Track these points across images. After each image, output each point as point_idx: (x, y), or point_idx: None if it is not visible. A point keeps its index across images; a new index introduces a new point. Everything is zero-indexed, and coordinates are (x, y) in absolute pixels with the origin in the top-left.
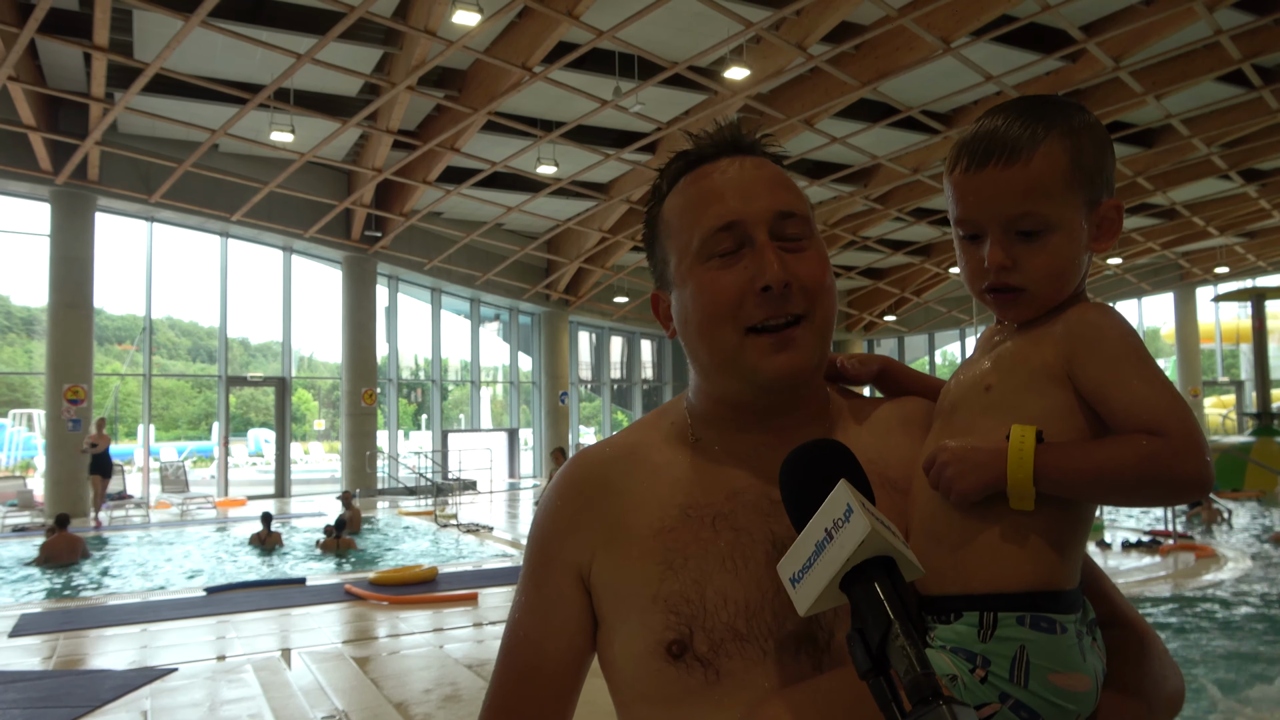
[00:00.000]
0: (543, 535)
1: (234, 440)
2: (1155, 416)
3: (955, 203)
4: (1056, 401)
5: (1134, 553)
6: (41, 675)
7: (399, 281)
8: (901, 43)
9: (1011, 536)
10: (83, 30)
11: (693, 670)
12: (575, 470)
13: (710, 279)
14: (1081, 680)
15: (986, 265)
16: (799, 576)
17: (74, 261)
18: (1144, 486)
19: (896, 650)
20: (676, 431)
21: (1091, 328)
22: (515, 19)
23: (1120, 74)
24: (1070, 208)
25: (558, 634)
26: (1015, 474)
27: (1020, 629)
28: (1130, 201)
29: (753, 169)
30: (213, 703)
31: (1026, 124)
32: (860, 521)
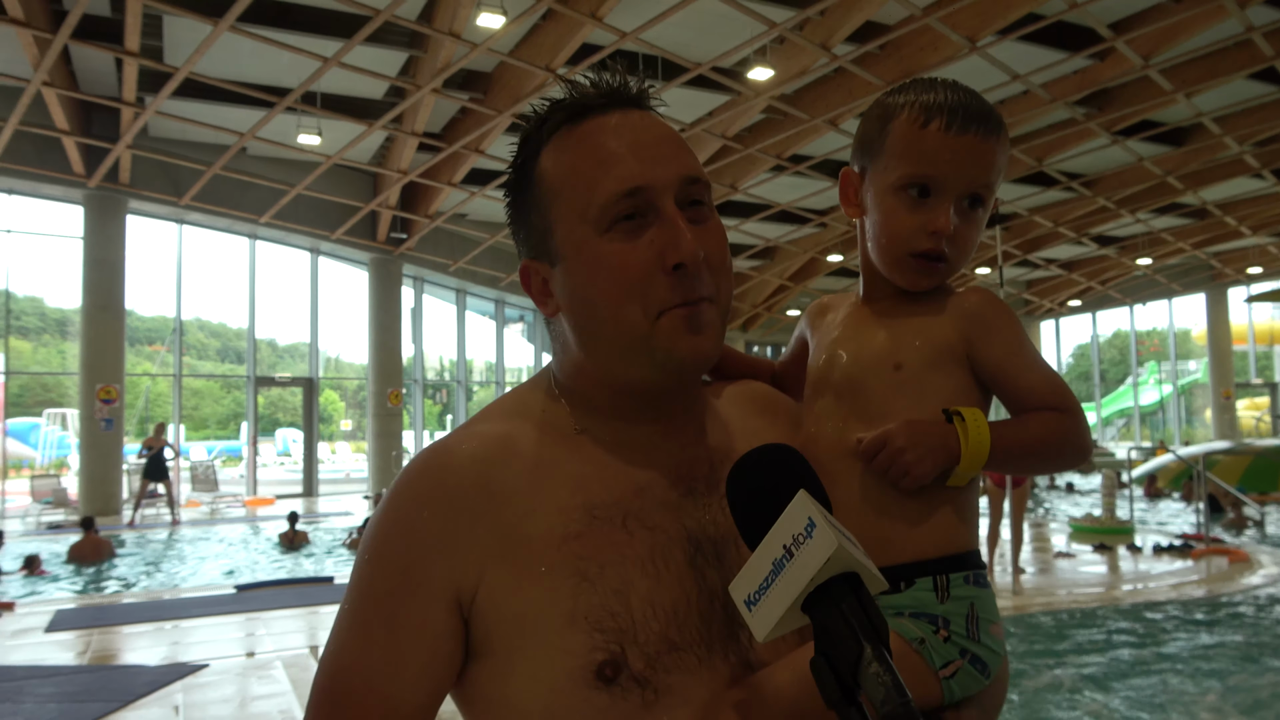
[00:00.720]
0: (399, 556)
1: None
2: (1054, 395)
3: (919, 158)
4: (958, 380)
5: (1165, 556)
6: (76, 670)
7: (424, 283)
8: (926, 42)
9: (942, 508)
10: (114, 35)
11: (629, 693)
12: (443, 473)
13: (613, 253)
14: (1001, 628)
15: (934, 229)
16: (755, 599)
17: (106, 264)
18: (1059, 456)
19: (870, 677)
20: (553, 421)
21: (989, 312)
22: (539, 21)
23: (1150, 72)
24: (994, 193)
25: (417, 681)
26: (972, 454)
27: (969, 587)
28: (1160, 201)
29: (651, 126)
30: (243, 698)
31: (993, 109)
32: (825, 537)
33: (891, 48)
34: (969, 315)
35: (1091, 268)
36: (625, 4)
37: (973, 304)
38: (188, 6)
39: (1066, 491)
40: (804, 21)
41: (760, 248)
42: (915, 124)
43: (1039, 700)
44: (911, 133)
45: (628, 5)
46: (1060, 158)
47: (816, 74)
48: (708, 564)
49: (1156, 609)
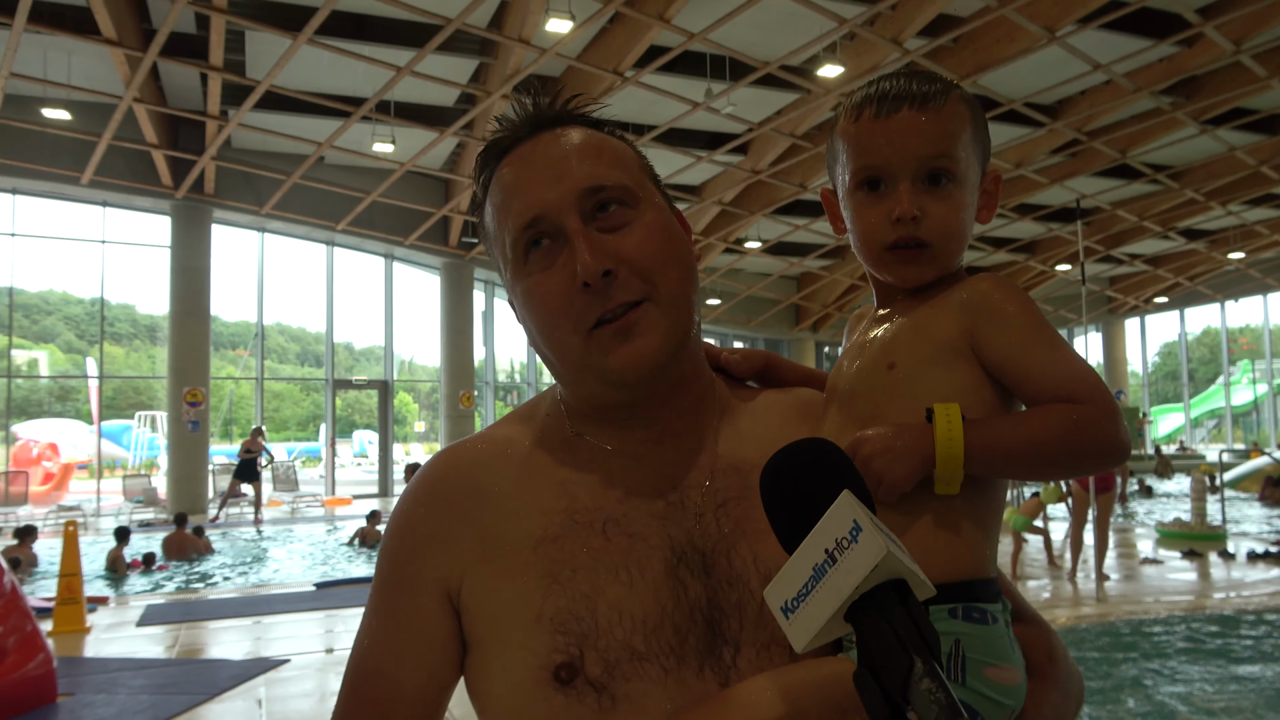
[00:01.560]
0: (400, 550)
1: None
2: (1071, 385)
3: (861, 150)
4: (963, 376)
5: (1261, 564)
6: (166, 663)
7: (495, 286)
8: (1002, 34)
9: (937, 523)
10: (199, 52)
11: (584, 696)
12: (438, 473)
13: (535, 285)
14: (1014, 673)
15: (896, 216)
16: (793, 606)
17: (192, 271)
18: (1071, 456)
19: (921, 694)
20: (553, 427)
21: (991, 299)
22: (607, 24)
23: (1241, 57)
24: (970, 164)
25: (417, 667)
26: (945, 455)
27: (953, 622)
28: (1253, 193)
29: (557, 144)
30: (323, 693)
31: (928, 82)
32: (872, 542)
33: (965, 40)
34: (969, 305)
35: (1179, 263)
36: (694, 5)
37: (974, 292)
38: (269, 21)
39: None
40: (875, 17)
41: (830, 247)
42: (850, 121)
43: (1123, 712)
44: (849, 131)
45: (695, 6)
46: (1145, 149)
47: (888, 69)
48: (691, 575)
49: (1250, 618)
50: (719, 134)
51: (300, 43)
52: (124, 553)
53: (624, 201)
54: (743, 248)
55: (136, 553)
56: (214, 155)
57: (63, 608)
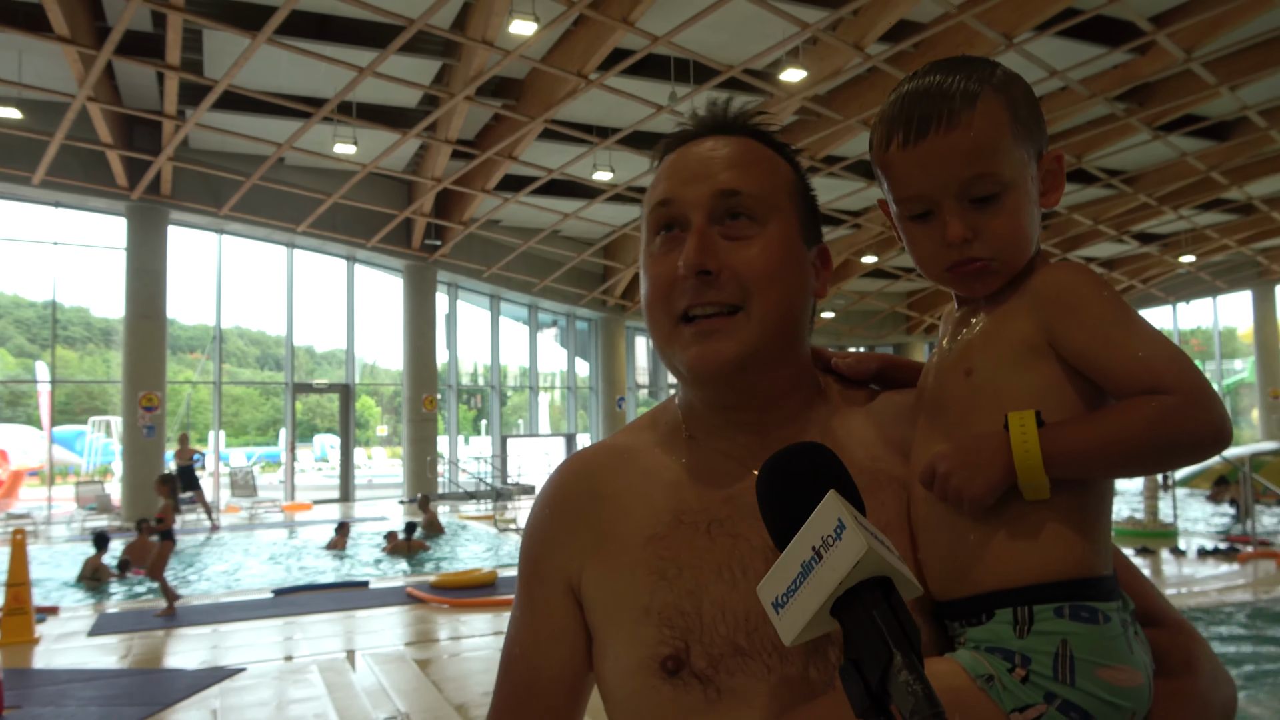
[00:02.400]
0: (531, 548)
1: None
2: (1156, 374)
3: (897, 181)
4: (1044, 376)
5: (1210, 560)
6: (117, 674)
7: (458, 289)
8: (962, 40)
9: (1035, 527)
10: (156, 50)
11: (690, 688)
12: (562, 478)
13: (651, 263)
14: (1132, 674)
15: (948, 241)
16: (782, 602)
17: (148, 274)
18: (1161, 451)
19: (899, 685)
20: (670, 431)
21: (1065, 290)
22: (571, 27)
23: (1192, 65)
24: (1019, 163)
25: (549, 650)
26: (1023, 465)
27: (1060, 621)
28: (1204, 197)
29: (719, 147)
30: (280, 702)
31: (956, 83)
32: (855, 539)
33: (926, 46)
34: (1044, 301)
35: (1133, 266)
36: (657, 8)
37: (1047, 287)
38: (227, 20)
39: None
40: (837, 22)
41: None
42: (882, 147)
43: None
44: (883, 160)
45: (660, 9)
46: (1100, 154)
47: (850, 74)
48: None
49: (1200, 614)
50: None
51: (259, 42)
52: (102, 560)
53: (753, 216)
54: None
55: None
56: (171, 156)
57: (10, 618)
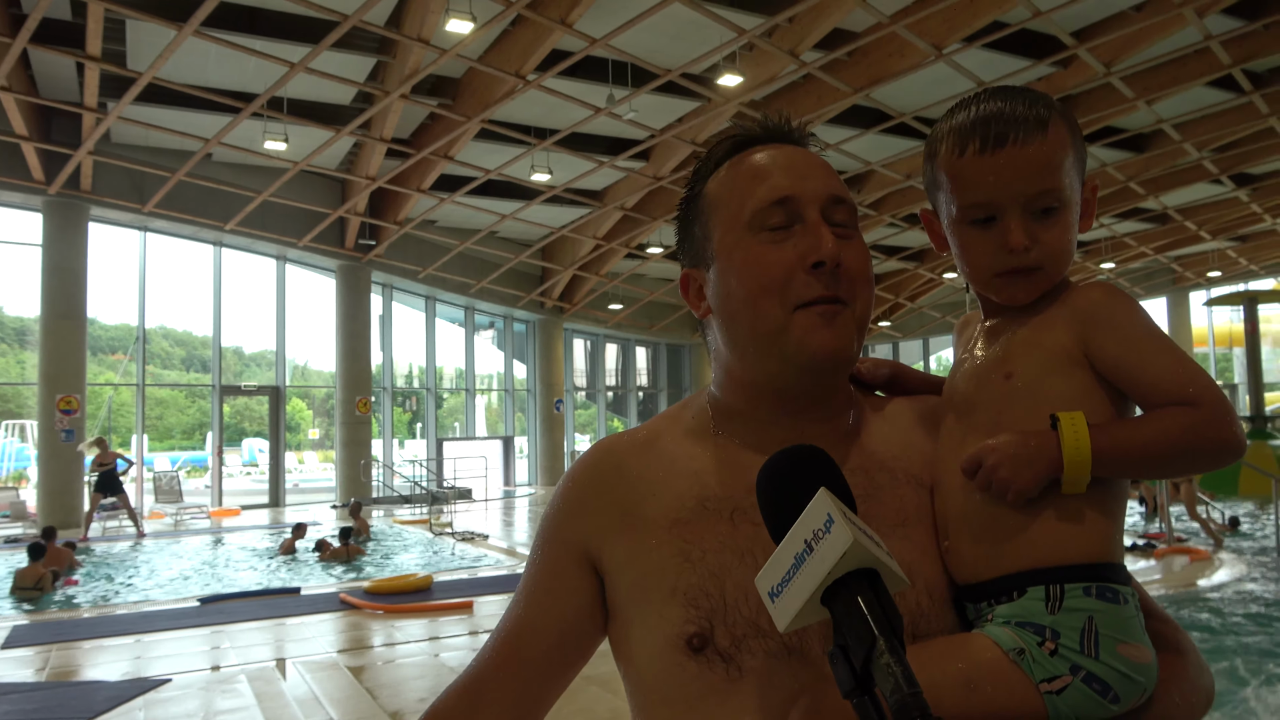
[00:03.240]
0: (550, 514)
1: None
2: (1184, 389)
3: (966, 187)
4: (1078, 383)
5: (1129, 556)
6: (35, 687)
7: (393, 290)
8: (894, 49)
9: (1068, 515)
10: (75, 40)
11: (714, 665)
12: (592, 458)
13: (760, 252)
14: (1145, 652)
15: (1010, 247)
16: (778, 591)
17: (67, 271)
18: (1187, 457)
19: (881, 668)
20: (698, 424)
21: (1103, 307)
22: (509, 27)
23: (1112, 79)
24: (1074, 185)
25: (547, 608)
26: (1073, 461)
27: (1088, 599)
28: (1122, 206)
29: (804, 155)
30: (207, 713)
31: (1030, 106)
32: (842, 533)
33: (859, 54)
34: (1081, 314)
35: None
36: (595, 10)
37: (1085, 301)
38: (151, 11)
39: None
40: (773, 29)
41: None
42: (954, 154)
43: None
44: (953, 164)
45: (598, 11)
46: None
47: (785, 80)
48: None
49: None
50: (621, 139)
51: (186, 34)
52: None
53: (852, 223)
54: (644, 253)
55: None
56: (91, 150)
57: None
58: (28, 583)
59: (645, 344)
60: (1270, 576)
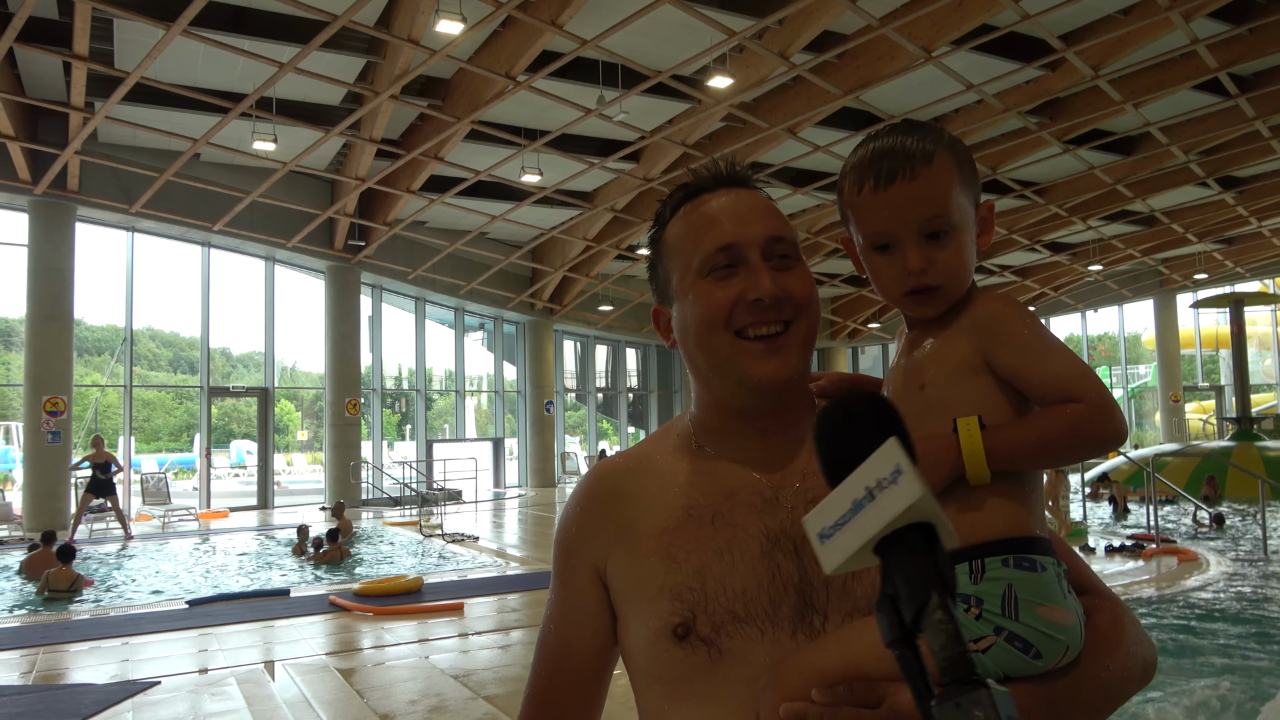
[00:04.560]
0: (565, 541)
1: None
2: (1070, 387)
3: (866, 220)
4: (982, 389)
5: (1117, 557)
6: (21, 690)
7: (383, 291)
8: (883, 52)
9: (982, 502)
10: (62, 39)
11: (696, 649)
12: (591, 482)
13: (707, 291)
14: (1065, 614)
15: (908, 270)
16: (828, 533)
17: (53, 272)
18: (1074, 447)
19: (933, 624)
20: (682, 442)
21: (996, 319)
22: (499, 28)
23: (1099, 82)
24: (963, 209)
25: (581, 629)
26: (970, 459)
27: (1006, 569)
28: (1110, 209)
29: (747, 199)
30: (196, 716)
31: (915, 142)
32: (911, 484)
33: (849, 57)
34: (978, 327)
35: (1044, 274)
36: (586, 11)
37: (981, 315)
38: (139, 10)
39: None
40: (763, 31)
41: None
42: (854, 192)
43: None
44: (852, 200)
45: (588, 13)
46: (1013, 166)
47: (775, 82)
48: (784, 557)
49: None
50: (611, 141)
51: (174, 34)
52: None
53: (793, 255)
54: (635, 255)
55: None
56: (78, 149)
57: None
58: (62, 585)
59: (635, 345)
60: (1256, 577)
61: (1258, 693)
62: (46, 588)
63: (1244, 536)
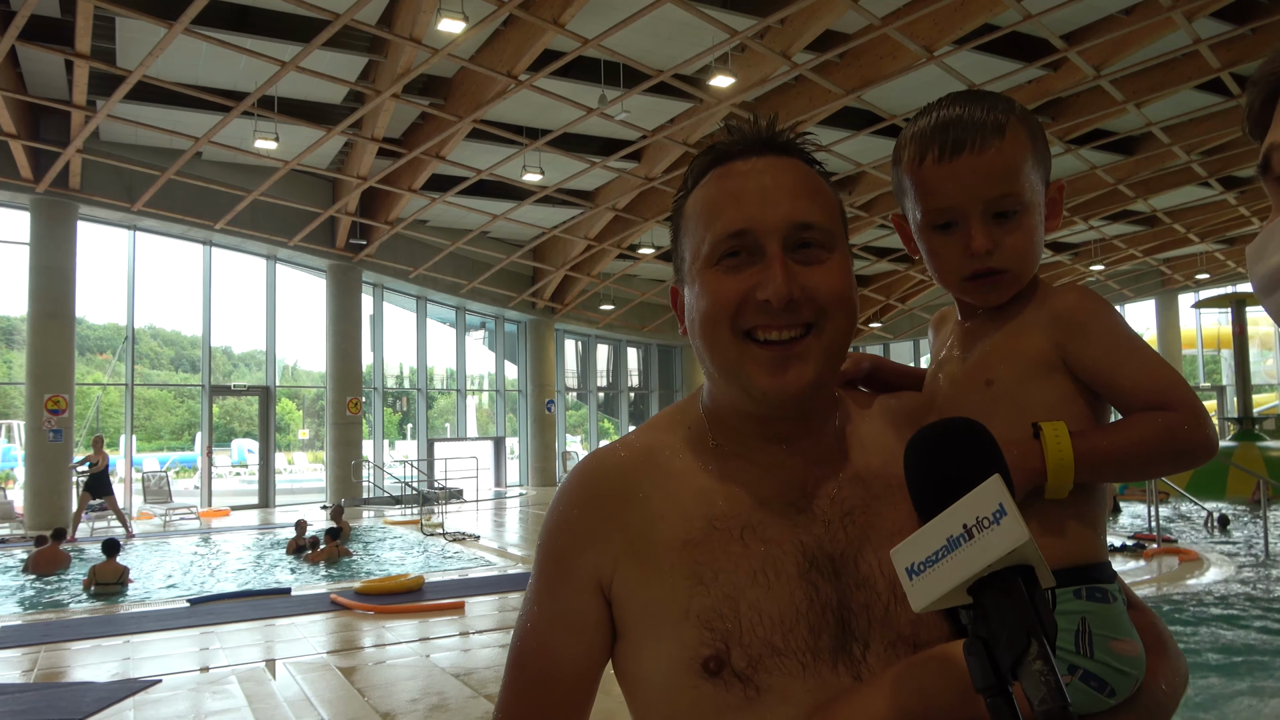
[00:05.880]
0: (559, 546)
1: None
2: (1161, 393)
3: (928, 193)
4: (1058, 389)
5: (1119, 556)
6: (22, 688)
7: (384, 290)
8: (885, 51)
9: (1053, 521)
10: (64, 38)
11: (731, 687)
12: (591, 479)
13: (716, 282)
14: (1134, 645)
15: (972, 251)
16: (919, 569)
17: (55, 271)
18: (1163, 460)
19: (1032, 674)
20: (694, 435)
21: (1079, 313)
22: (501, 27)
23: (1101, 82)
24: (1034, 188)
25: (574, 644)
26: (1057, 468)
27: (1079, 601)
28: (1112, 209)
29: (780, 173)
30: (197, 714)
31: (988, 111)
32: (1015, 526)
33: (851, 56)
34: (1058, 320)
35: (1048, 274)
36: (588, 11)
37: (1061, 306)
38: (141, 9)
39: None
40: (765, 30)
41: None
42: (914, 163)
43: None
44: (914, 172)
45: (590, 12)
46: None
47: (777, 81)
48: (822, 578)
49: None
50: (613, 140)
51: (176, 32)
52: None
53: (823, 245)
54: (636, 254)
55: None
56: (80, 148)
57: None
58: (110, 578)
59: (637, 345)
60: (1259, 577)
61: (1259, 693)
62: (94, 582)
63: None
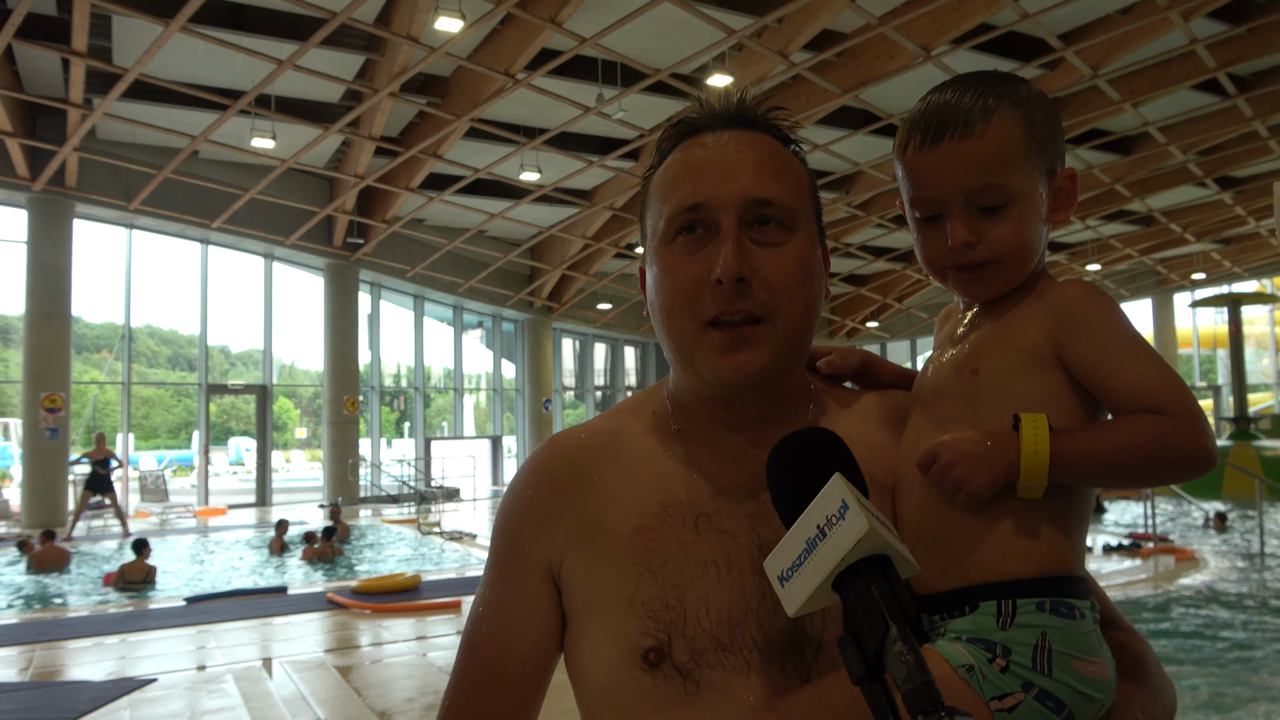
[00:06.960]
0: (510, 528)
1: (214, 449)
2: (1158, 396)
3: (911, 183)
4: (1048, 384)
5: (1115, 556)
6: (17, 687)
7: (381, 289)
8: (882, 51)
9: (1023, 525)
10: (60, 36)
11: (670, 680)
12: (549, 459)
13: (672, 264)
14: (1103, 668)
15: (951, 243)
16: (788, 575)
17: (51, 269)
18: (1154, 467)
19: (894, 656)
20: (658, 421)
21: (1079, 307)
22: (498, 26)
23: (1098, 82)
24: (1028, 178)
25: (524, 634)
26: (1030, 464)
27: (1041, 615)
28: (1108, 208)
29: (745, 147)
30: (193, 713)
31: (976, 96)
32: (857, 519)
33: (848, 55)
34: (1056, 313)
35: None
36: (585, 10)
37: (1060, 299)
38: (138, 7)
39: None
40: (762, 29)
41: None
42: (901, 150)
43: None
44: (901, 160)
45: (587, 11)
46: None
47: (775, 81)
48: None
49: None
50: (611, 139)
51: (173, 30)
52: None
53: (783, 223)
54: (633, 253)
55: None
56: (76, 146)
57: None
58: (137, 576)
59: (634, 344)
60: (1255, 577)
61: (1255, 692)
62: (122, 580)
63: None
